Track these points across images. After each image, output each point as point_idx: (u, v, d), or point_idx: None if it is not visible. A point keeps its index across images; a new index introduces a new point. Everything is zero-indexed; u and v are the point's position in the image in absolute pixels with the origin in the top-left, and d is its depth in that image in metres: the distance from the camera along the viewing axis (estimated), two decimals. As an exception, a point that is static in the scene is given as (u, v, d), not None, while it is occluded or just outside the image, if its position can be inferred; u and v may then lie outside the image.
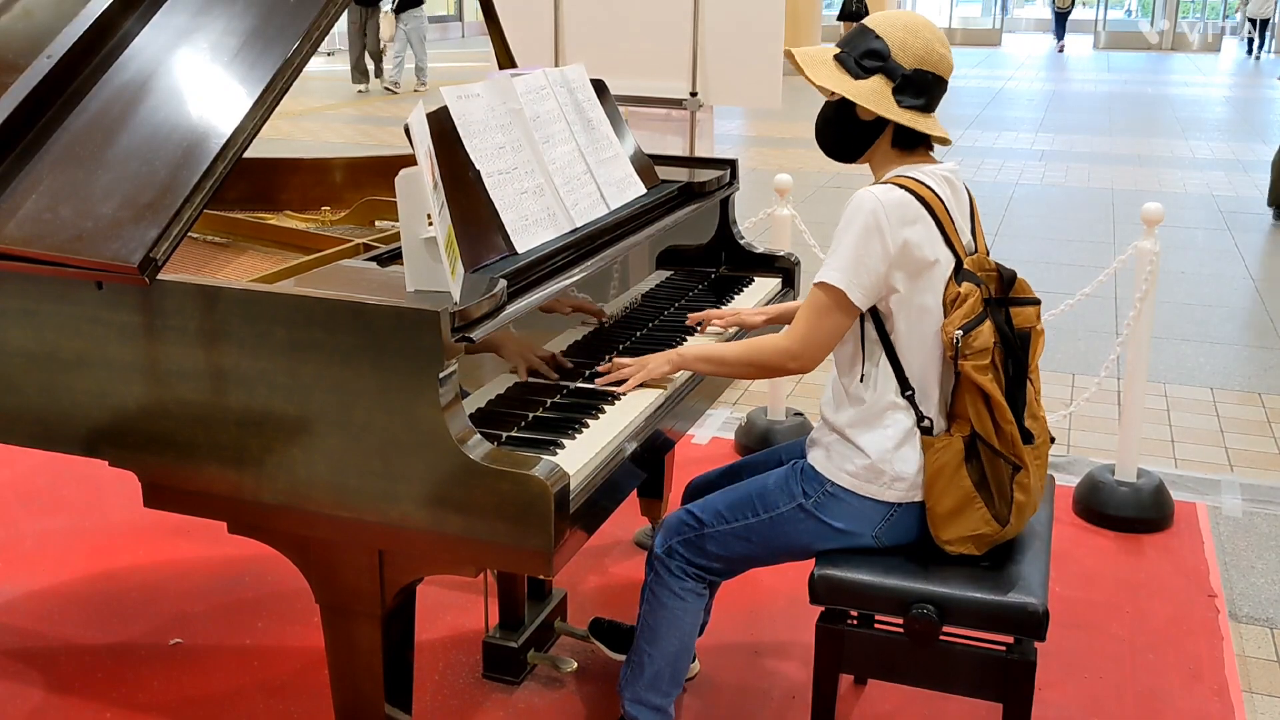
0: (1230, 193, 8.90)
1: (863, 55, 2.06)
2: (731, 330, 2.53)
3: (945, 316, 2.02)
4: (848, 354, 2.11)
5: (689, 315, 2.54)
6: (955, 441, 2.03)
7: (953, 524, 2.04)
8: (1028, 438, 2.07)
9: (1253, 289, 6.21)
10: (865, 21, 2.10)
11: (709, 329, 2.52)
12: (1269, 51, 24.88)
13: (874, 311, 2.05)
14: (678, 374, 2.22)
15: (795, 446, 2.35)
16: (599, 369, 2.21)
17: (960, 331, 1.98)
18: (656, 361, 2.17)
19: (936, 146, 2.13)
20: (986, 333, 2.00)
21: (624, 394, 2.11)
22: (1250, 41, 24.02)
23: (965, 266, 2.04)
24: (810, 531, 2.13)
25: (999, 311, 2.07)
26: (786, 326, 2.14)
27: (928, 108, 2.06)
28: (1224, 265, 6.70)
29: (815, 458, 2.16)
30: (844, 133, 2.12)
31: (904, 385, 2.06)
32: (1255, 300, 6.00)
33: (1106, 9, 28.97)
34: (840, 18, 17.65)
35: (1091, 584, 3.14)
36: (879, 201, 1.99)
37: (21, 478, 3.71)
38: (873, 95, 2.04)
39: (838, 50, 2.10)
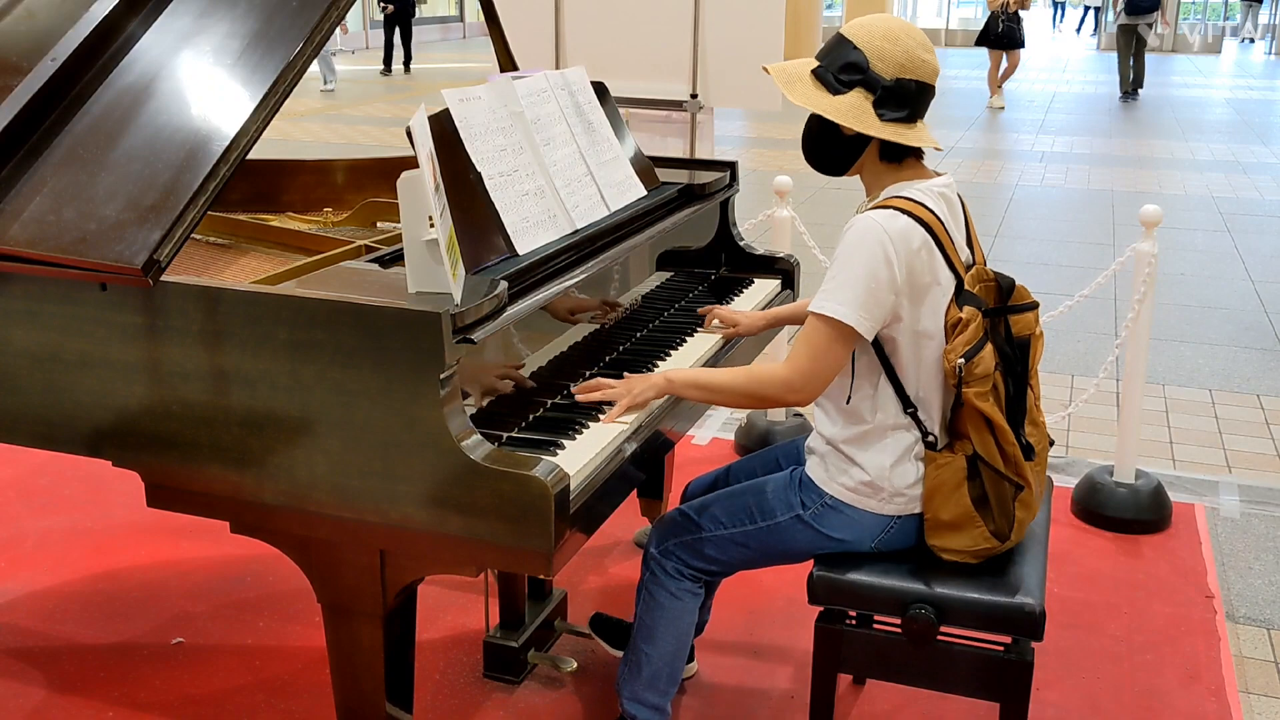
0: (1230, 194, 8.91)
1: (841, 69, 1.99)
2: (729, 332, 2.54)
3: (947, 340, 1.99)
4: (845, 378, 2.07)
5: (700, 310, 2.55)
6: (958, 459, 2.02)
7: (951, 536, 2.05)
8: (1028, 452, 2.07)
9: (1251, 291, 6.22)
10: (843, 30, 2.04)
11: (709, 330, 2.53)
12: (1270, 54, 24.81)
13: (876, 337, 2.01)
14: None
15: (792, 449, 2.35)
16: (574, 389, 2.11)
17: (963, 360, 1.95)
18: (642, 386, 2.06)
19: (931, 149, 2.10)
20: (988, 357, 1.98)
21: (608, 423, 2.02)
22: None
23: (965, 287, 2.01)
24: (808, 540, 2.13)
25: (998, 324, 2.05)
26: (787, 349, 2.09)
27: (912, 118, 2.01)
28: (1223, 267, 6.70)
29: (813, 469, 2.15)
30: (828, 148, 2.07)
31: (905, 404, 2.04)
32: (1254, 302, 6.01)
33: (1108, 10, 28.97)
34: (980, 42, 13.96)
35: (1090, 584, 3.15)
36: (885, 232, 1.94)
37: (24, 477, 3.72)
38: (852, 112, 1.98)
39: (816, 64, 2.04)
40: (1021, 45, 13.71)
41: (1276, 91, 17.14)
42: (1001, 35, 13.39)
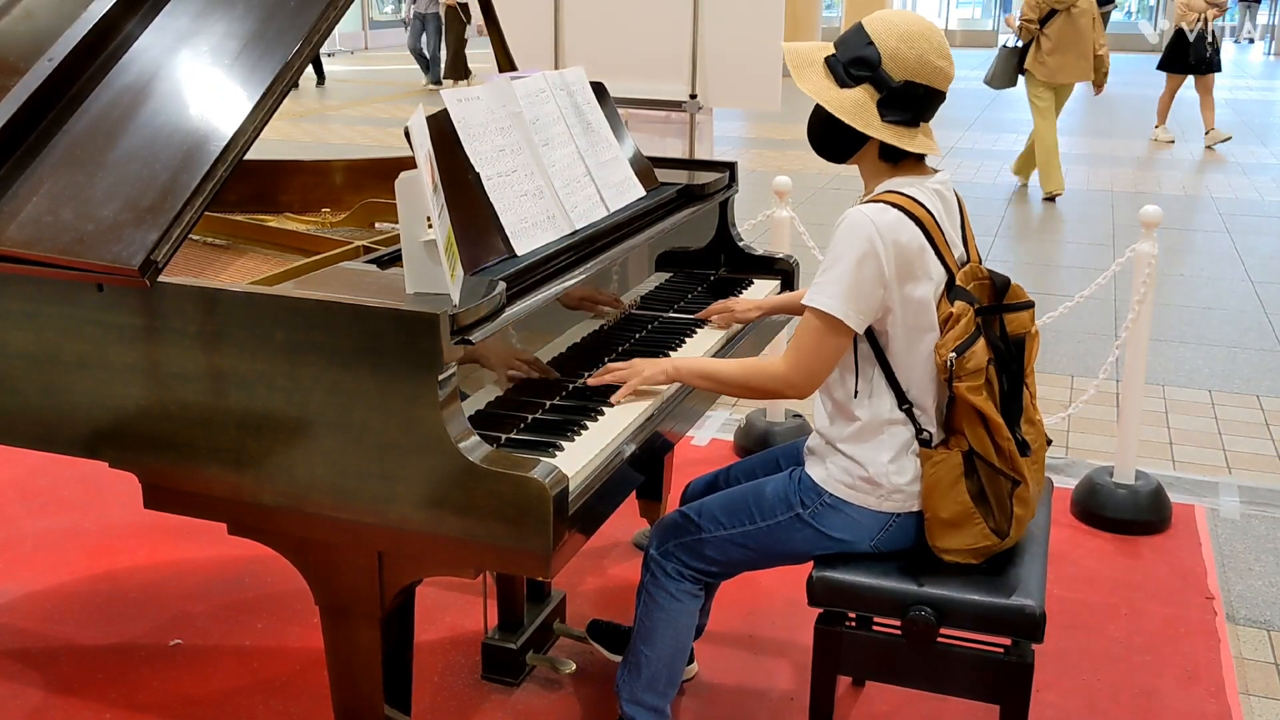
0: (1229, 195, 8.91)
1: (852, 62, 1.99)
2: (735, 327, 2.56)
3: (940, 334, 2.00)
4: (841, 372, 2.08)
5: (700, 314, 2.57)
6: (954, 456, 2.02)
7: (952, 535, 2.04)
8: (1024, 449, 2.06)
9: (1251, 291, 6.22)
10: (864, 22, 2.02)
11: (713, 326, 2.54)
12: (1269, 54, 24.77)
13: (869, 330, 2.02)
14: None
15: (792, 450, 2.35)
16: (590, 380, 2.18)
17: (954, 354, 1.95)
18: (651, 371, 2.13)
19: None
20: (980, 352, 1.98)
21: (616, 403, 2.08)
22: None
23: (958, 283, 2.01)
24: (807, 540, 2.13)
25: (992, 322, 2.05)
26: (786, 344, 2.12)
27: (914, 122, 2.00)
28: (1222, 268, 6.70)
29: (812, 468, 2.15)
30: (830, 136, 2.07)
31: (901, 399, 2.04)
32: (1254, 303, 6.01)
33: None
34: (1168, 66, 11.09)
35: (1089, 585, 3.15)
36: (873, 224, 1.94)
37: (22, 477, 3.72)
38: (854, 108, 1.98)
39: (831, 51, 2.04)
40: (1217, 69, 10.99)
41: (1275, 92, 17.14)
42: (1199, 60, 10.81)
